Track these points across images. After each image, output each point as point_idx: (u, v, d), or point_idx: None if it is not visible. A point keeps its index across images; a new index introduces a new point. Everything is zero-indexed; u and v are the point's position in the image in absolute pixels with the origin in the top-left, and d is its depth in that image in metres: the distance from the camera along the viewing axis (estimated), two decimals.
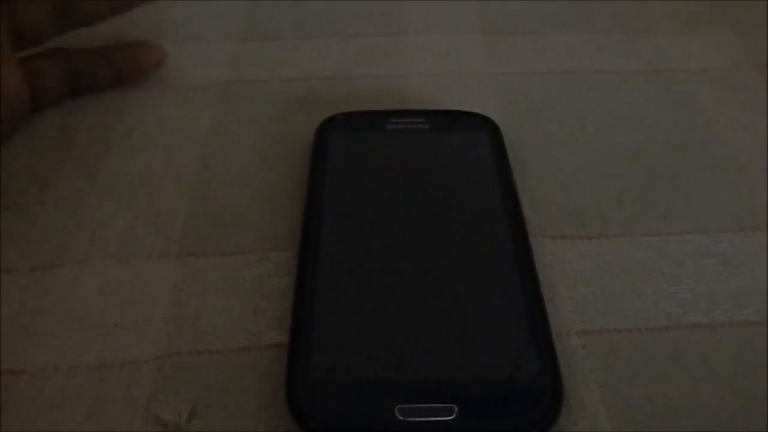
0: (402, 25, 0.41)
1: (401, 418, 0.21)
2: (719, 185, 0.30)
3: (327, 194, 0.28)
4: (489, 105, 0.35)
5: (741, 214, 0.29)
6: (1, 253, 0.27)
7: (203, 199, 0.30)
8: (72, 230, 0.28)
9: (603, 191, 0.30)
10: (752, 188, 0.30)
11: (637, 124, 0.34)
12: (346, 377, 0.22)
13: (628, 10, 0.42)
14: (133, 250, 0.27)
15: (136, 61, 0.35)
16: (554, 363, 0.22)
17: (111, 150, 0.32)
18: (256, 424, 0.22)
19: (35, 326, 0.25)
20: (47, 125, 0.33)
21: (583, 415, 0.22)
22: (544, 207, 0.29)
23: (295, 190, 0.30)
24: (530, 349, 0.23)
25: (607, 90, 0.36)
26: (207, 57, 0.38)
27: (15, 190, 0.30)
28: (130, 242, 0.28)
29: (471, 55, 0.38)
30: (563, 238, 0.28)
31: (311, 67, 0.37)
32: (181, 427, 0.22)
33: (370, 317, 0.24)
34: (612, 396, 0.23)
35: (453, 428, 0.21)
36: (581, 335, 0.25)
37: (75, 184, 0.30)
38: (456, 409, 0.21)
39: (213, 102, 0.35)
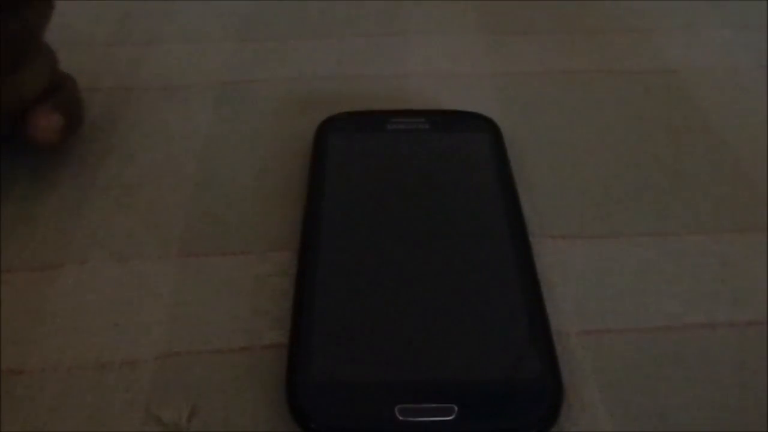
0: (402, 25, 0.41)
1: (401, 418, 0.21)
2: (719, 185, 0.30)
3: (327, 194, 0.28)
4: (489, 105, 0.35)
5: (741, 214, 0.29)
6: (1, 253, 0.27)
7: (203, 199, 0.30)
8: (72, 230, 0.28)
9: (603, 191, 0.30)
10: (752, 188, 0.30)
11: (636, 124, 0.34)
12: (346, 377, 0.22)
13: (628, 10, 0.42)
14: (133, 250, 0.27)
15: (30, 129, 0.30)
16: (554, 363, 0.22)
17: (111, 150, 0.32)
18: (256, 424, 0.22)
19: (35, 326, 0.25)
20: None
21: (583, 415, 0.22)
22: (544, 207, 0.29)
23: (295, 190, 0.30)
24: (530, 349, 0.23)
25: (607, 90, 0.36)
26: (207, 57, 0.38)
27: (15, 190, 0.30)
28: (130, 242, 0.28)
29: (471, 55, 0.38)
30: (563, 238, 0.28)
31: (311, 67, 0.37)
32: (181, 427, 0.22)
33: (370, 317, 0.24)
34: (612, 396, 0.23)
35: (453, 428, 0.21)
36: (581, 335, 0.25)
37: (75, 184, 0.30)
38: (456, 409, 0.21)
39: (213, 102, 0.35)
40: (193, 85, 0.36)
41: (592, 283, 0.26)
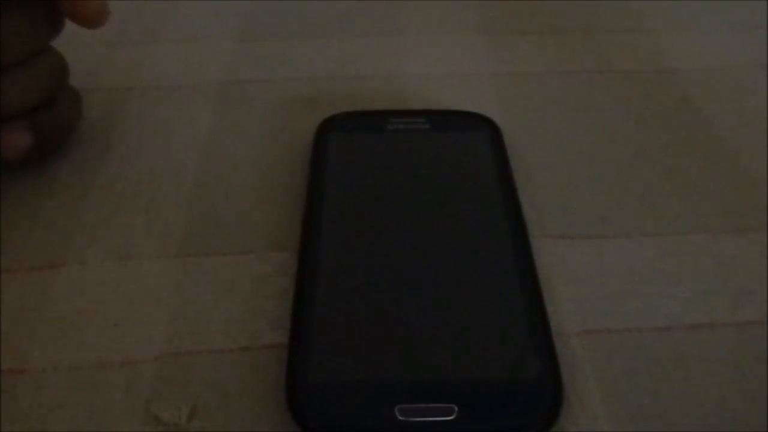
0: (402, 25, 0.41)
1: (401, 418, 0.21)
2: (719, 185, 0.30)
3: (327, 194, 0.28)
4: (489, 105, 0.35)
5: (741, 214, 0.29)
6: (1, 253, 0.27)
7: (203, 199, 0.30)
8: (72, 230, 0.28)
9: (603, 191, 0.30)
10: (752, 188, 0.30)
11: (637, 124, 0.34)
12: (346, 377, 0.22)
13: (627, 10, 0.42)
14: (133, 250, 0.27)
15: (64, 122, 0.31)
16: (554, 363, 0.22)
17: (111, 150, 0.32)
18: (256, 424, 0.22)
19: (35, 326, 0.25)
20: None
21: (583, 415, 0.22)
22: (544, 207, 0.29)
23: (295, 190, 0.30)
24: (530, 349, 0.23)
25: (607, 90, 0.36)
26: (207, 57, 0.38)
27: (15, 190, 0.30)
28: (130, 242, 0.28)
29: (471, 55, 0.38)
30: (563, 238, 0.28)
31: (311, 67, 0.37)
32: (181, 427, 0.22)
33: (369, 317, 0.24)
34: (612, 396, 0.23)
35: (453, 428, 0.21)
36: (581, 335, 0.25)
37: (75, 184, 0.30)
38: (456, 409, 0.21)
39: (213, 102, 0.35)
40: (193, 85, 0.36)
41: (592, 283, 0.26)
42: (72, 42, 0.34)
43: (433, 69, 0.37)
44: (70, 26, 0.30)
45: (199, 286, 0.26)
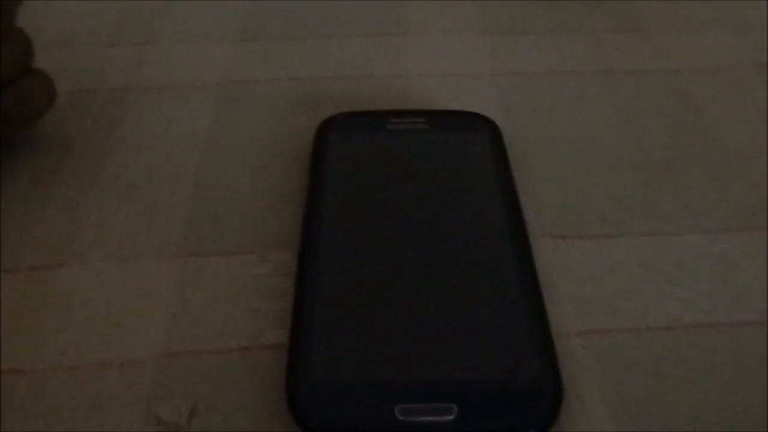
0: (402, 25, 0.41)
1: (401, 418, 0.21)
2: (719, 185, 0.30)
3: (327, 194, 0.28)
4: (489, 105, 0.35)
5: (741, 214, 0.29)
6: (1, 253, 0.27)
7: (203, 199, 0.30)
8: (72, 230, 0.28)
9: (603, 191, 0.30)
10: (752, 188, 0.30)
11: (636, 124, 0.34)
12: (346, 377, 0.22)
13: (628, 10, 0.42)
14: (133, 250, 0.27)
15: (27, 101, 0.30)
16: (554, 363, 0.22)
17: (111, 150, 0.32)
18: (256, 424, 0.22)
19: (35, 326, 0.25)
20: (47, 125, 0.33)
21: (583, 415, 0.22)
22: (544, 207, 0.29)
23: (295, 190, 0.30)
24: (530, 349, 0.23)
25: (607, 90, 0.36)
26: (207, 57, 0.38)
27: (15, 190, 0.30)
28: (130, 242, 0.28)
29: (471, 55, 0.38)
30: (563, 238, 0.28)
31: (311, 67, 0.37)
32: (181, 427, 0.22)
33: (369, 317, 0.24)
34: (612, 396, 0.23)
35: (453, 428, 0.21)
36: (581, 335, 0.25)
37: (75, 184, 0.30)
38: (456, 408, 0.21)
39: (213, 102, 0.35)
40: (193, 85, 0.36)
41: (592, 283, 0.26)
42: (72, 42, 0.34)
43: (434, 69, 0.37)
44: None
45: (199, 286, 0.26)
